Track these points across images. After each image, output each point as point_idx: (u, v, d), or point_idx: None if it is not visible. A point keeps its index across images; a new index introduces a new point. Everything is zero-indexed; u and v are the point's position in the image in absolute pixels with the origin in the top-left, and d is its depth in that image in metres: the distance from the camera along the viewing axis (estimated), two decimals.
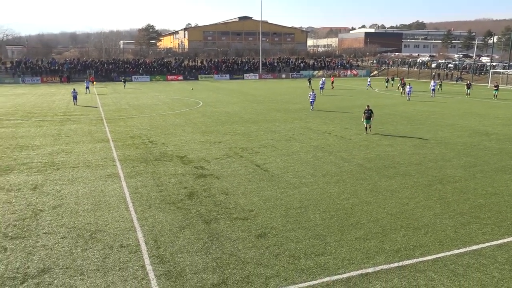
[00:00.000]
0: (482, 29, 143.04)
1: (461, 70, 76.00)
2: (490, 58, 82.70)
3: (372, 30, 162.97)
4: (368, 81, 58.37)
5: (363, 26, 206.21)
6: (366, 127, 23.67)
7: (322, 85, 49.82)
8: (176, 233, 10.81)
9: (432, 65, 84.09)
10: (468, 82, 49.13)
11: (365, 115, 23.49)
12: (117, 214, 12.05)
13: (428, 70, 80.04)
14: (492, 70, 65.85)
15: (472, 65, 76.67)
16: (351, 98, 44.49)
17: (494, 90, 44.30)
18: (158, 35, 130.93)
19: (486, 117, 30.94)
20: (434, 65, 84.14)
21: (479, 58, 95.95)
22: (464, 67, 77.30)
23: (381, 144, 21.33)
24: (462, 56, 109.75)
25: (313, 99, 33.80)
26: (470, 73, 72.30)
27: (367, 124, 23.50)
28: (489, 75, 64.61)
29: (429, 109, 35.40)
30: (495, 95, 43.80)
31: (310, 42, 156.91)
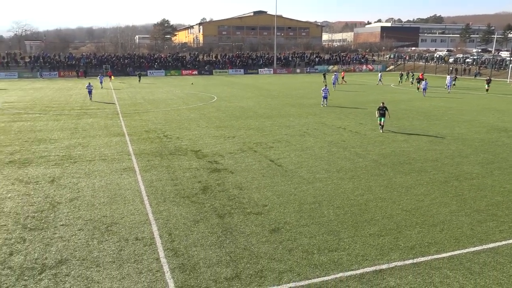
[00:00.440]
0: (501, 23, 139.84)
1: (479, 65, 74.58)
2: (510, 52, 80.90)
3: (388, 24, 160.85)
4: (379, 76, 57.62)
5: (379, 20, 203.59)
6: (380, 124, 23.17)
7: (334, 80, 49.24)
8: (190, 226, 10.91)
9: (449, 59, 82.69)
10: (488, 77, 48.16)
11: (379, 112, 22.95)
12: (132, 207, 12.21)
13: (445, 65, 78.74)
14: (511, 65, 64.47)
15: (491, 60, 75.15)
16: (366, 93, 44.09)
17: None
18: (173, 30, 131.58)
19: (505, 113, 30.34)
20: (452, 59, 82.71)
21: (498, 53, 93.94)
22: (482, 62, 75.81)
23: (396, 140, 21.11)
24: (480, 50, 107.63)
25: (325, 94, 33.48)
26: (488, 68, 70.92)
27: (381, 121, 23.04)
28: (508, 70, 63.28)
29: (446, 104, 34.88)
30: None
31: (325, 36, 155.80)
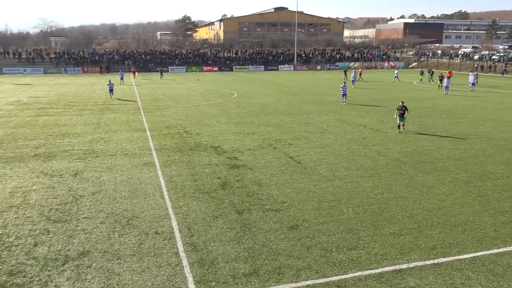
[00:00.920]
0: None
1: (506, 62, 72.54)
2: None
3: (411, 21, 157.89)
4: (395, 73, 56.60)
5: (402, 17, 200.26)
6: (399, 125, 22.18)
7: (354, 77, 48.57)
8: (209, 222, 10.99)
9: (474, 56, 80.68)
10: None
11: (398, 112, 21.94)
12: (152, 202, 12.38)
13: (470, 62, 76.90)
14: None
15: None
16: (387, 91, 43.46)
17: None
18: (194, 26, 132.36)
19: None
20: (477, 56, 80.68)
21: None
22: (509, 59, 73.70)
23: (418, 138, 20.77)
24: (507, 47, 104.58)
25: (344, 92, 33.06)
26: None
27: (400, 121, 22.03)
28: None
29: (470, 102, 34.09)
30: None
31: (347, 33, 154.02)
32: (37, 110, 30.61)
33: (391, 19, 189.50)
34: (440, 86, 44.08)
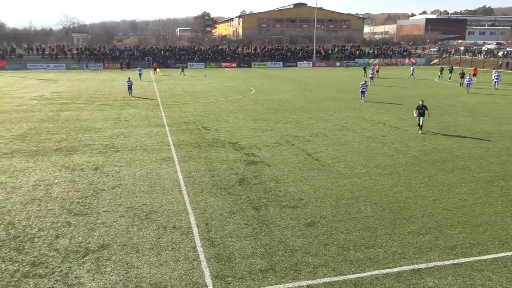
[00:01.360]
0: None
1: None
2: None
3: (433, 16, 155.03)
4: (411, 69, 55.57)
5: (424, 12, 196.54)
6: (419, 124, 21.49)
7: (372, 74, 47.82)
8: (226, 217, 11.05)
9: (498, 53, 78.67)
10: None
11: (418, 111, 21.33)
12: (171, 197, 12.51)
13: (494, 59, 75.03)
14: None
15: None
16: (406, 88, 42.81)
17: None
18: (213, 23, 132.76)
19: None
20: (501, 53, 78.64)
21: None
22: None
23: (439, 136, 20.41)
24: None
25: (363, 89, 32.63)
26: None
27: (419, 120, 21.37)
28: None
29: (493, 100, 33.31)
30: None
31: (367, 29, 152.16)
32: (59, 105, 31.23)
33: (413, 15, 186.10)
34: (461, 84, 43.12)
